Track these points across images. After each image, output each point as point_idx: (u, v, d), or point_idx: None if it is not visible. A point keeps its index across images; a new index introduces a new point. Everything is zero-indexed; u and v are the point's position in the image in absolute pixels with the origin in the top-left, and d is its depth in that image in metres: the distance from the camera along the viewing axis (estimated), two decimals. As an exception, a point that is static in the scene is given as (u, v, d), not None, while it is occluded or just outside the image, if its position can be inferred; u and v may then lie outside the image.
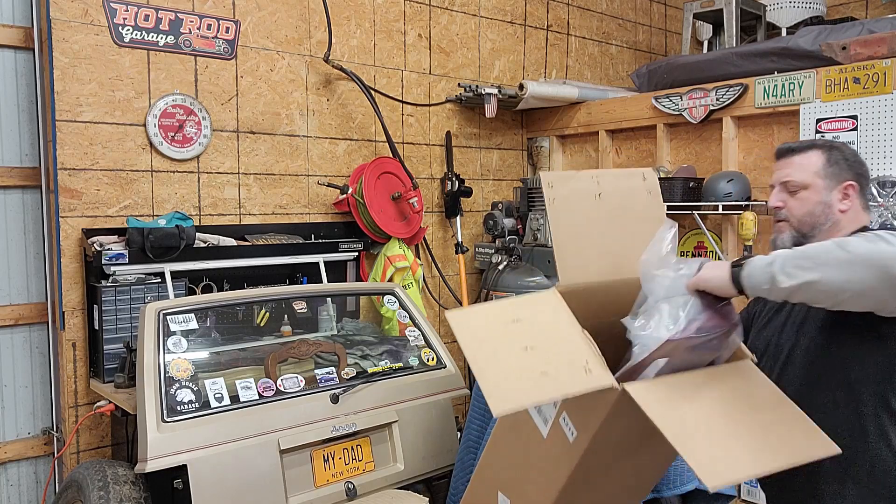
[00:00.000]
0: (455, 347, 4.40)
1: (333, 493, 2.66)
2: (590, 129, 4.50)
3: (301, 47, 3.74)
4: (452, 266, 4.38)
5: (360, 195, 3.74)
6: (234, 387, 2.61)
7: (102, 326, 2.96)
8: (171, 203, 3.34)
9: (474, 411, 2.97)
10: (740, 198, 3.63)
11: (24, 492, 3.25)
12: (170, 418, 2.41)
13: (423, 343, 3.19)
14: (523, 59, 4.78)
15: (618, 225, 1.68)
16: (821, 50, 3.47)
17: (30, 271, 3.24)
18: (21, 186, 3.19)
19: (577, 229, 1.62)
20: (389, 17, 4.09)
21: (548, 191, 1.61)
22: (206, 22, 3.40)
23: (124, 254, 3.00)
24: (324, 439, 2.67)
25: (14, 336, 3.21)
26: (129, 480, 2.52)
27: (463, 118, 4.47)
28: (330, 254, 3.63)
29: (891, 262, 1.39)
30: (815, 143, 1.92)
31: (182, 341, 2.61)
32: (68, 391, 3.11)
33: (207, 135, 3.43)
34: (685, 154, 4.10)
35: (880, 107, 3.22)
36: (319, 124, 3.83)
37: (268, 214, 3.65)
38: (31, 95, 3.20)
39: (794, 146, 1.93)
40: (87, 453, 3.15)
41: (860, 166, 1.89)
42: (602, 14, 5.27)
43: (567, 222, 1.61)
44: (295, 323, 3.27)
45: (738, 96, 3.71)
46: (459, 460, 2.94)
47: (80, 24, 3.08)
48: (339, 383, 2.83)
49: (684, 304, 1.47)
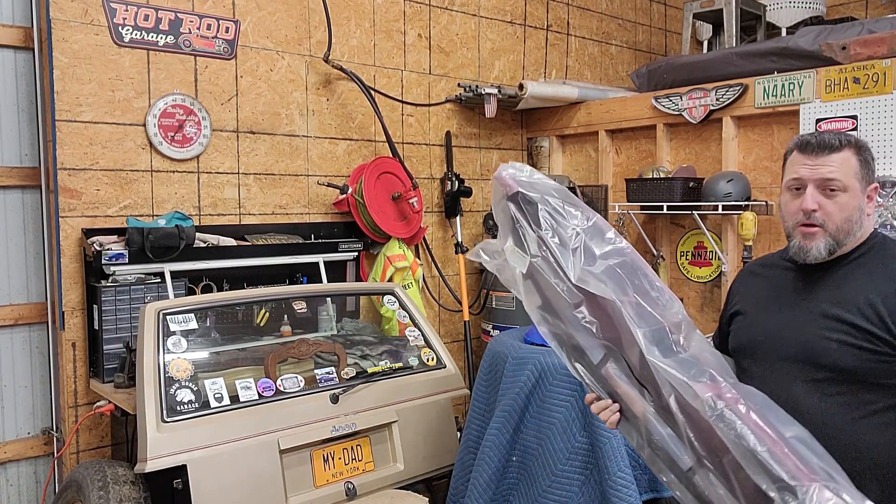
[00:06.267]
0: (455, 347, 4.40)
1: (333, 493, 2.66)
2: (590, 129, 4.50)
3: (301, 47, 3.74)
4: (452, 266, 4.38)
5: (359, 195, 3.74)
6: (234, 387, 2.61)
7: (102, 326, 2.96)
8: (171, 203, 3.34)
9: (474, 411, 2.98)
10: (740, 198, 3.63)
11: (24, 492, 3.25)
12: (170, 418, 2.41)
13: (423, 343, 3.19)
14: (523, 59, 4.78)
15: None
16: (821, 50, 3.47)
17: (30, 271, 3.24)
18: (21, 186, 3.19)
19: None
20: (389, 17, 4.09)
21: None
22: (205, 22, 3.40)
23: (124, 254, 3.00)
24: (323, 439, 2.68)
25: (14, 336, 3.21)
26: (128, 480, 2.52)
27: (463, 118, 4.47)
28: (330, 254, 3.63)
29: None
30: (848, 140, 1.75)
31: (182, 341, 2.61)
32: (68, 391, 3.11)
33: (207, 135, 3.42)
34: (685, 154, 4.10)
35: (880, 107, 3.22)
36: (319, 124, 3.83)
37: (267, 214, 3.65)
38: (31, 95, 3.20)
39: (829, 141, 1.74)
40: (87, 453, 3.15)
41: (874, 163, 1.81)
42: (602, 14, 5.27)
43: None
44: (295, 323, 3.27)
45: (738, 96, 3.71)
46: (459, 460, 2.94)
47: (80, 24, 3.08)
48: (339, 383, 2.83)
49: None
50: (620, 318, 1.57)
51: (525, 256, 1.68)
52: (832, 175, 1.71)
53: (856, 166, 1.73)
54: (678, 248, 4.11)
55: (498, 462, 2.73)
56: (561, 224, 1.65)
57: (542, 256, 1.65)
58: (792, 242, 1.79)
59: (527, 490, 2.67)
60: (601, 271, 1.62)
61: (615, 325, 1.59)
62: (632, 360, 1.61)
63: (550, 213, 1.66)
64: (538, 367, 2.72)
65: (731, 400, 1.51)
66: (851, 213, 1.72)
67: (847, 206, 1.72)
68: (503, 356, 2.88)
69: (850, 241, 1.75)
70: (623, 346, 1.60)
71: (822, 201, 1.72)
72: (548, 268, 1.63)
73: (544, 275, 1.64)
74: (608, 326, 1.60)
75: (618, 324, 1.58)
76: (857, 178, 1.73)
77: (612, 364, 1.63)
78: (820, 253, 1.73)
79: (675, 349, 1.59)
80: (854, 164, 1.73)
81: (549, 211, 1.66)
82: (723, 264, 3.82)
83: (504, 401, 2.78)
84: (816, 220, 1.72)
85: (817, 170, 1.73)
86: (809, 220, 1.73)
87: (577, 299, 1.61)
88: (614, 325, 1.59)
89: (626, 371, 1.62)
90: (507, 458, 2.74)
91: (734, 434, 1.47)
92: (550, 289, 1.64)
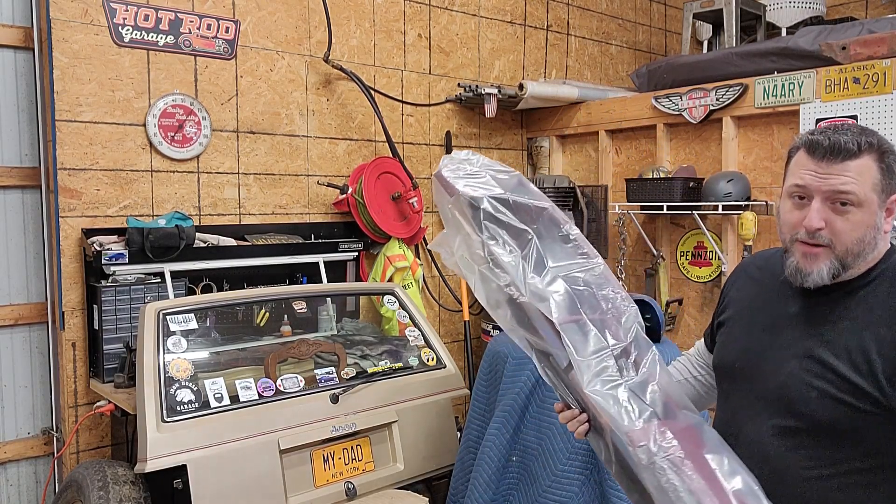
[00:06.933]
0: (455, 347, 4.40)
1: (333, 493, 2.66)
2: (590, 129, 4.50)
3: (301, 47, 3.74)
4: (452, 266, 4.38)
5: (359, 195, 3.74)
6: (234, 387, 2.61)
7: (102, 326, 2.96)
8: (171, 203, 3.34)
9: (474, 411, 2.98)
10: (740, 198, 3.63)
11: (24, 492, 3.25)
12: (170, 418, 2.41)
13: (423, 343, 3.19)
14: (523, 59, 4.78)
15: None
16: (821, 50, 3.47)
17: (29, 271, 3.24)
18: (21, 186, 3.19)
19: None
20: (389, 17, 4.09)
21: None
22: (205, 22, 3.40)
23: (124, 254, 3.00)
24: (324, 439, 2.68)
25: (14, 336, 3.21)
26: (128, 480, 2.52)
27: (463, 118, 4.47)
28: (330, 254, 3.63)
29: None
30: (869, 143, 1.42)
31: (182, 341, 2.61)
32: (68, 391, 3.11)
33: (207, 135, 3.42)
34: (685, 154, 4.10)
35: (880, 107, 3.22)
36: (319, 124, 3.83)
37: (267, 214, 3.65)
38: (31, 95, 3.20)
39: (845, 145, 1.40)
40: (87, 453, 3.15)
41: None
42: (602, 14, 5.27)
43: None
44: (295, 323, 3.27)
45: (738, 96, 3.71)
46: (459, 460, 2.94)
47: (80, 24, 3.08)
48: (339, 383, 2.83)
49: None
50: (560, 342, 1.45)
51: (473, 265, 1.54)
52: (846, 188, 1.39)
53: (876, 176, 1.40)
54: (678, 248, 4.11)
55: (498, 462, 2.73)
56: (506, 227, 1.51)
57: (489, 263, 1.50)
58: (789, 260, 1.49)
59: (527, 490, 2.67)
60: (547, 283, 1.48)
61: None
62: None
63: (493, 216, 1.51)
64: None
65: (668, 449, 1.38)
66: (865, 232, 1.41)
67: (860, 225, 1.40)
68: (503, 356, 2.88)
69: (860, 264, 1.45)
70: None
71: (830, 217, 1.41)
72: (494, 277, 1.50)
73: (494, 281, 1.51)
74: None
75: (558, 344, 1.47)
76: (876, 189, 1.40)
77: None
78: (822, 278, 1.44)
79: (624, 374, 1.46)
80: (874, 174, 1.40)
81: (492, 213, 1.51)
82: (723, 264, 3.82)
83: (504, 401, 2.78)
84: (822, 240, 1.42)
85: (827, 180, 1.41)
86: (813, 240, 1.43)
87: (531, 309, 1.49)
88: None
89: None
90: (507, 458, 2.74)
91: (654, 487, 1.37)
92: (503, 295, 1.51)
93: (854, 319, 1.45)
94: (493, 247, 1.51)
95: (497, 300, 1.54)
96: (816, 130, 1.48)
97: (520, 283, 1.48)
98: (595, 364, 1.44)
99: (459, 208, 1.55)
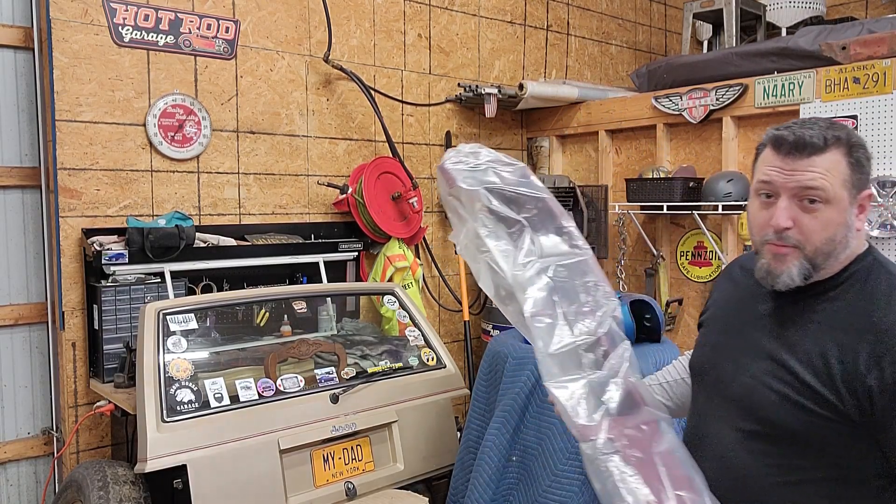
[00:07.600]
0: (455, 347, 4.40)
1: (333, 493, 2.66)
2: (589, 129, 4.50)
3: (301, 47, 3.74)
4: (452, 266, 4.38)
5: (359, 195, 3.74)
6: (234, 387, 2.61)
7: (102, 326, 2.96)
8: (171, 203, 3.34)
9: (474, 411, 2.98)
10: (740, 198, 3.63)
11: (24, 492, 3.25)
12: (170, 418, 2.41)
13: (423, 343, 3.19)
14: (523, 59, 4.78)
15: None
16: (821, 50, 3.47)
17: (29, 271, 3.24)
18: (21, 186, 3.19)
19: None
20: (389, 17, 4.09)
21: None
22: (205, 22, 3.40)
23: (124, 254, 3.00)
24: (324, 439, 2.67)
25: (14, 336, 3.21)
26: (128, 480, 2.52)
27: (463, 118, 4.47)
28: (330, 254, 3.63)
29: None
30: (836, 137, 1.37)
31: (182, 341, 2.61)
32: (68, 391, 3.11)
33: (207, 135, 3.42)
34: (685, 154, 4.11)
35: (880, 107, 3.23)
36: (319, 124, 3.83)
37: (267, 214, 3.65)
38: (31, 95, 3.20)
39: (810, 139, 1.36)
40: (87, 453, 3.15)
41: (870, 164, 1.44)
42: (602, 14, 5.27)
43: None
44: (295, 323, 3.27)
45: (738, 96, 3.71)
46: (459, 460, 2.94)
47: (80, 24, 3.08)
48: (339, 383, 2.83)
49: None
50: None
51: (478, 255, 1.63)
52: (813, 183, 1.35)
53: (845, 171, 1.37)
54: (678, 248, 4.11)
55: (498, 462, 2.72)
56: (500, 218, 1.59)
57: (490, 253, 1.61)
58: (760, 262, 1.45)
59: (527, 490, 2.67)
60: (532, 274, 1.55)
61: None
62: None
63: (488, 207, 1.59)
64: (538, 367, 2.72)
65: (615, 445, 1.42)
66: (835, 231, 1.37)
67: (830, 223, 1.36)
68: (503, 356, 2.87)
69: (832, 265, 1.41)
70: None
71: (797, 216, 1.37)
72: (497, 268, 1.60)
73: (499, 272, 1.59)
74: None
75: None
76: (846, 185, 1.37)
77: None
78: (792, 280, 1.40)
79: (588, 368, 1.49)
80: (843, 169, 1.37)
81: (486, 204, 1.59)
82: (723, 264, 3.82)
83: (504, 401, 2.78)
84: (789, 240, 1.38)
85: (794, 176, 1.37)
86: (780, 241, 1.39)
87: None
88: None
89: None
90: (507, 458, 2.74)
91: (600, 487, 1.41)
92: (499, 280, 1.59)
93: (820, 322, 1.41)
94: (485, 237, 1.58)
95: (507, 292, 1.61)
96: (783, 125, 1.44)
97: (507, 273, 1.54)
98: (558, 358, 1.49)
99: (458, 199, 1.63)
